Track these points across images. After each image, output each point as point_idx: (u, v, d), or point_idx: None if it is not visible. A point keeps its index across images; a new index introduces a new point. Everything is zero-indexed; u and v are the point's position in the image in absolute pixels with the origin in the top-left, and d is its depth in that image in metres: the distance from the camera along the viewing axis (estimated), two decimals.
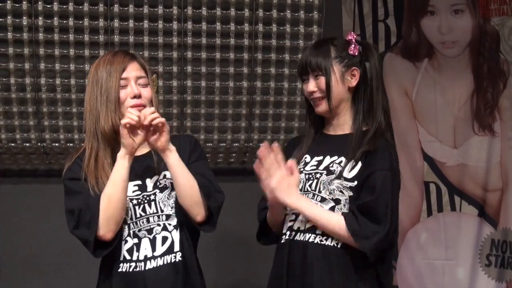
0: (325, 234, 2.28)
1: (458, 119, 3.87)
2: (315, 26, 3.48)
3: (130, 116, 2.24)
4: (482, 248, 3.86)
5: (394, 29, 3.86)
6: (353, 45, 2.38)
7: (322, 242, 2.28)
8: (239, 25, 3.42)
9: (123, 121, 2.24)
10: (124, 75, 2.32)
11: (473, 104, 3.86)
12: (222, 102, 3.50)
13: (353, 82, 2.38)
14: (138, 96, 2.33)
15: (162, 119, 2.27)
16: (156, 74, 2.60)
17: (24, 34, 3.25)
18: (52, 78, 3.33)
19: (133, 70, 2.34)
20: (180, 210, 2.33)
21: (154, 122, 2.26)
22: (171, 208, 2.36)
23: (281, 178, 2.25)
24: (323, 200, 2.31)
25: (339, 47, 2.38)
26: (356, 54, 2.38)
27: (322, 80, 2.35)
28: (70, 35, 3.29)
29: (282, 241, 2.37)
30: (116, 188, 2.26)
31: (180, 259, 2.34)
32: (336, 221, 2.25)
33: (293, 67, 3.45)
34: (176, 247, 2.34)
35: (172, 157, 2.30)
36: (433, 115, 3.87)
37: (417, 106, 3.87)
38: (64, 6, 3.26)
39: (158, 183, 2.38)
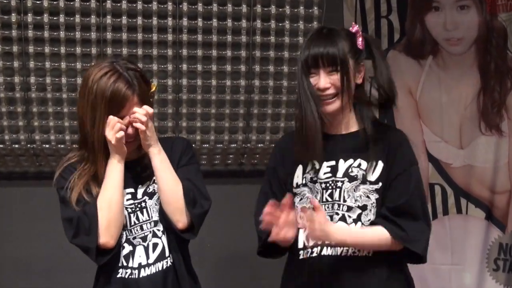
0: None
1: (464, 119, 3.81)
2: (315, 23, 3.42)
3: (118, 131, 2.20)
4: (490, 252, 3.80)
5: (397, 25, 3.80)
6: (360, 38, 2.24)
7: (355, 254, 2.19)
8: (237, 22, 3.36)
9: (117, 135, 2.19)
10: (121, 114, 2.22)
11: (479, 103, 3.80)
12: (219, 101, 3.43)
13: (360, 79, 2.25)
14: (131, 137, 2.26)
15: (139, 125, 2.21)
16: (155, 82, 2.50)
17: (13, 31, 3.17)
18: (42, 77, 3.26)
19: (131, 108, 2.23)
20: (163, 215, 2.30)
21: (134, 125, 2.22)
22: (158, 213, 2.33)
23: (314, 223, 2.08)
24: (349, 209, 2.19)
25: (348, 39, 2.21)
26: (363, 48, 2.24)
27: (335, 76, 2.17)
28: (61, 32, 3.21)
29: (301, 257, 2.23)
30: (114, 192, 2.24)
31: (170, 264, 2.32)
32: (379, 235, 2.15)
33: (293, 65, 3.39)
34: (167, 252, 2.33)
35: (156, 159, 2.26)
36: (438, 115, 3.81)
37: (422, 105, 3.81)
38: (55, 2, 3.19)
39: (147, 189, 2.34)
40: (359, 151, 2.20)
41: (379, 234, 2.15)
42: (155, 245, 2.31)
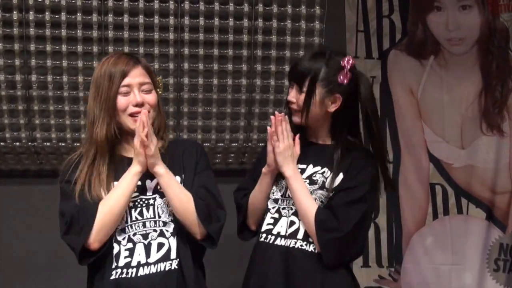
0: (306, 239, 2.37)
1: (466, 119, 3.81)
2: (317, 22, 3.39)
3: (141, 134, 2.21)
4: (490, 252, 3.79)
5: (399, 25, 3.79)
6: (345, 72, 2.37)
7: (302, 247, 2.37)
8: (238, 21, 3.34)
9: (139, 140, 2.22)
10: (126, 81, 2.25)
11: (481, 103, 3.80)
12: (220, 100, 3.41)
13: (332, 108, 2.40)
14: (140, 105, 2.27)
15: (147, 143, 2.22)
16: (161, 77, 2.51)
17: (15, 29, 3.16)
18: (44, 75, 3.24)
19: (136, 76, 2.27)
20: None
21: (143, 142, 2.23)
22: (169, 215, 2.31)
23: (288, 146, 2.37)
24: None
25: (331, 69, 2.38)
26: (345, 82, 2.37)
27: (302, 96, 2.38)
28: (63, 30, 3.19)
29: (261, 239, 2.46)
30: (119, 202, 2.23)
31: (176, 267, 2.28)
32: (310, 205, 2.34)
33: None
34: (173, 255, 2.29)
35: (163, 180, 2.27)
36: (439, 115, 3.80)
37: (423, 105, 3.80)
38: (56, 0, 3.17)
39: (158, 187, 2.32)
40: (328, 161, 2.40)
41: (311, 205, 2.34)
42: (160, 245, 2.28)
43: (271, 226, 2.45)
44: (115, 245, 2.26)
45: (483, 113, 3.80)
